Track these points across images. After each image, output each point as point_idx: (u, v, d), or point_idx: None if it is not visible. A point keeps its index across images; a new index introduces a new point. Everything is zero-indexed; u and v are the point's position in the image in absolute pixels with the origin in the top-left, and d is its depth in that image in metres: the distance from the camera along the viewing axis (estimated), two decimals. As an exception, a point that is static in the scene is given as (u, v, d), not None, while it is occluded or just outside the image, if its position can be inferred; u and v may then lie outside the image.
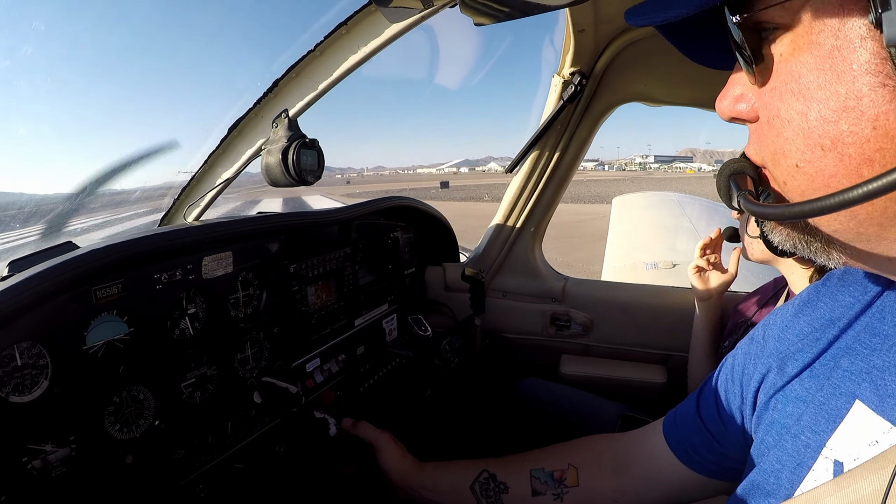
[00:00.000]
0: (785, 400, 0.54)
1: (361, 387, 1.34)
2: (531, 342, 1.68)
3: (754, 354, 0.62)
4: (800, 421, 0.51)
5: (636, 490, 0.75)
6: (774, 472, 0.52)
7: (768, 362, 0.59)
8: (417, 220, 1.61)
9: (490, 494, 0.84)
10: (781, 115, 0.37)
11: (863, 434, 0.45)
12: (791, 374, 0.55)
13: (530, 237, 1.62)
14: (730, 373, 0.66)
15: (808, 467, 0.48)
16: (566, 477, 0.80)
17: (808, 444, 0.49)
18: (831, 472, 0.46)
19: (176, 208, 1.31)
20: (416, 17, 0.91)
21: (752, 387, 0.60)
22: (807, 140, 0.36)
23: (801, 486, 0.48)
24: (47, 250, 0.81)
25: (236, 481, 0.96)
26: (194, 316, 0.92)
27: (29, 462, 0.67)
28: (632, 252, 4.08)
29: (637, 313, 1.55)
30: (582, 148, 1.49)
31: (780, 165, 0.39)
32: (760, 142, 0.41)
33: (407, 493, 0.93)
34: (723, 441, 0.65)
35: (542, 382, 1.54)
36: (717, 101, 0.45)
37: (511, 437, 1.46)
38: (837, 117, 0.34)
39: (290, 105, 1.06)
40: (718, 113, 0.46)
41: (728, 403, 0.65)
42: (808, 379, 0.53)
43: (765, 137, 0.40)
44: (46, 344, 0.69)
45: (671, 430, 0.72)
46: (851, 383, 0.47)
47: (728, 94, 0.44)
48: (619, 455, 0.79)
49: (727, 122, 0.46)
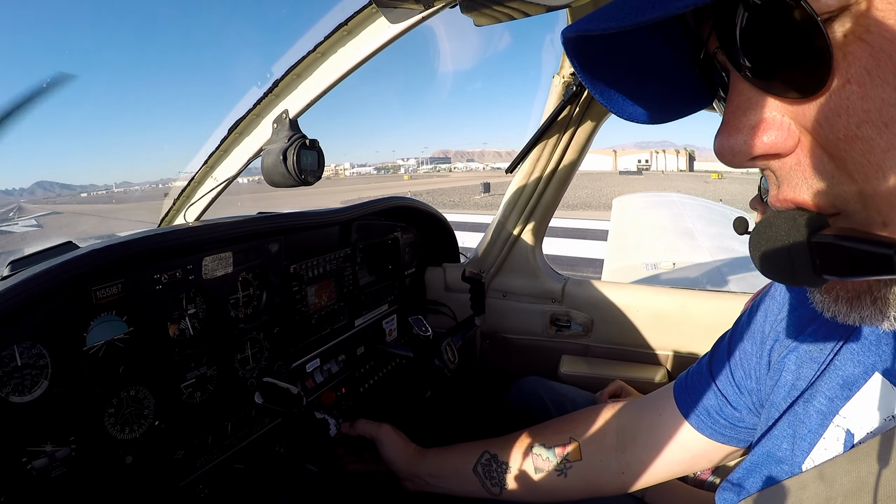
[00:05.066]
0: (798, 360, 0.51)
1: (361, 387, 1.34)
2: (531, 342, 1.68)
3: (772, 312, 0.59)
4: (813, 384, 0.49)
5: (643, 461, 0.72)
6: (787, 438, 0.50)
7: (784, 318, 0.56)
8: (418, 221, 1.61)
9: (493, 475, 0.83)
10: (873, 118, 0.26)
11: (880, 407, 0.42)
12: (805, 331, 0.52)
13: (530, 238, 1.62)
14: (745, 332, 0.63)
15: (819, 435, 0.46)
16: (568, 451, 0.78)
17: (821, 409, 0.47)
18: (842, 441, 0.44)
19: (176, 208, 1.31)
20: (416, 17, 0.91)
21: (768, 345, 0.57)
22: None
23: (811, 454, 0.47)
24: (47, 250, 0.81)
25: (236, 482, 0.96)
26: (194, 316, 0.92)
27: (29, 462, 0.67)
28: (632, 252, 4.08)
29: (637, 313, 1.55)
30: (582, 148, 1.49)
31: (880, 196, 0.27)
32: (829, 174, 0.29)
33: (412, 481, 0.92)
34: (737, 405, 0.62)
35: (542, 382, 1.53)
36: (723, 140, 0.32)
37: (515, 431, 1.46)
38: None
39: (290, 105, 1.06)
40: (728, 157, 0.32)
41: (742, 364, 0.62)
42: (825, 339, 0.49)
43: (844, 162, 0.28)
44: (46, 344, 0.69)
45: (682, 395, 0.69)
46: (873, 354, 0.44)
47: (740, 124, 0.31)
48: (624, 425, 0.77)
49: (742, 167, 0.32)
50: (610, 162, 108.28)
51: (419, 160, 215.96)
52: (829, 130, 0.28)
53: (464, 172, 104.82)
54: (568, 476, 0.78)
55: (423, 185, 43.74)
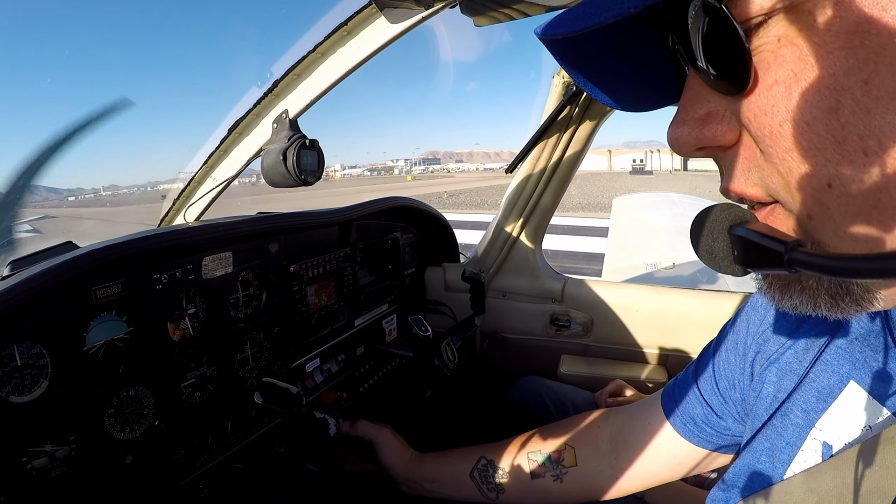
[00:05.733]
0: (779, 372, 0.52)
1: (361, 387, 1.34)
2: (531, 342, 1.68)
3: (754, 323, 0.59)
4: (790, 397, 0.49)
5: (634, 466, 0.73)
6: (766, 451, 0.50)
7: (766, 330, 0.56)
8: (418, 221, 1.61)
9: (490, 480, 0.84)
10: (795, 117, 0.28)
11: (855, 417, 0.42)
12: (785, 343, 0.52)
13: (530, 237, 1.62)
14: (728, 343, 0.63)
15: (798, 447, 0.46)
16: (564, 457, 0.79)
17: (797, 422, 0.47)
18: (820, 454, 0.44)
19: (176, 208, 1.31)
20: (416, 17, 0.91)
21: (750, 357, 0.58)
22: (841, 146, 0.26)
23: (790, 466, 0.47)
24: (47, 250, 0.81)
25: (236, 481, 0.96)
26: (194, 316, 0.92)
27: (29, 462, 0.67)
28: (632, 252, 4.08)
29: (637, 313, 1.55)
30: (583, 148, 1.49)
31: (803, 190, 0.29)
32: (760, 167, 0.31)
33: (409, 486, 0.93)
34: (722, 414, 0.63)
35: (542, 381, 1.54)
36: (672, 130, 0.34)
37: (511, 437, 1.46)
38: (885, 106, 0.25)
39: (290, 105, 1.06)
40: (676, 147, 0.34)
41: (726, 375, 0.62)
42: (803, 351, 0.50)
43: (770, 157, 0.30)
44: (46, 344, 0.69)
45: (669, 403, 0.70)
46: (846, 363, 0.44)
47: (687, 117, 0.33)
48: (617, 431, 0.78)
49: (690, 156, 0.35)
50: (604, 162, 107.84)
51: (410, 161, 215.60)
52: (758, 126, 0.30)
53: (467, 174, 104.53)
54: (563, 481, 0.79)
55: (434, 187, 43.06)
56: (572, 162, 1.51)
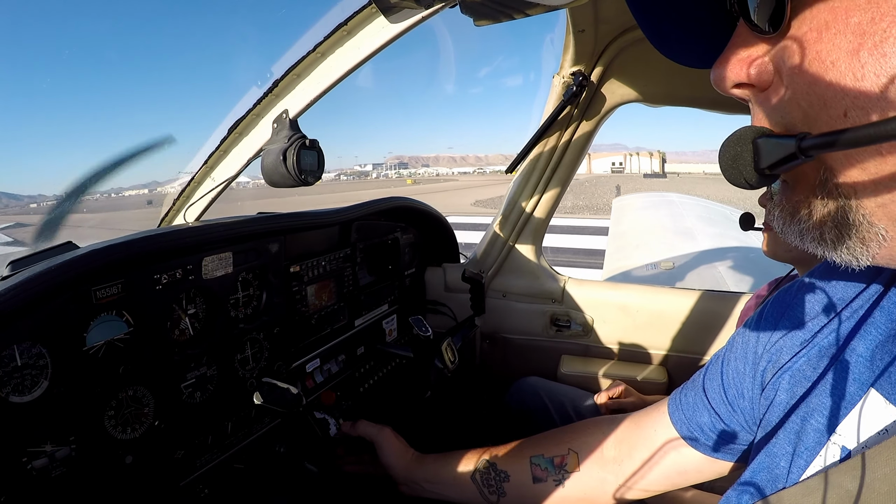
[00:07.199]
0: (792, 379, 0.52)
1: (361, 387, 1.34)
2: (531, 343, 1.68)
3: (765, 333, 0.59)
4: (807, 402, 0.49)
5: (639, 472, 0.73)
6: (783, 456, 0.50)
7: (778, 340, 0.56)
8: (418, 221, 1.61)
9: (491, 483, 0.84)
10: (822, 57, 0.32)
11: (874, 422, 0.43)
12: (798, 352, 0.53)
13: (530, 238, 1.62)
14: (737, 351, 0.63)
15: (816, 453, 0.47)
16: (566, 462, 0.79)
17: (818, 427, 0.47)
18: (838, 458, 0.45)
19: (176, 208, 1.31)
20: (416, 17, 0.91)
21: (761, 367, 0.58)
22: (859, 83, 0.30)
23: (807, 470, 0.47)
24: (47, 250, 0.81)
25: (236, 481, 0.96)
26: (194, 316, 0.92)
27: (29, 462, 0.67)
28: (632, 252, 4.08)
29: (637, 313, 1.55)
30: (583, 148, 1.49)
31: (820, 119, 0.33)
32: (785, 103, 0.35)
33: (410, 487, 0.92)
34: (730, 422, 0.63)
35: (542, 382, 1.54)
36: (716, 69, 0.39)
37: (511, 437, 1.46)
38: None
39: (290, 105, 1.06)
40: (717, 82, 0.39)
41: (735, 384, 0.62)
42: (817, 358, 0.50)
43: (795, 93, 0.34)
44: (46, 344, 0.69)
45: (676, 411, 0.70)
46: (867, 370, 0.45)
47: (732, 56, 0.38)
48: (621, 438, 0.77)
49: (727, 92, 0.39)
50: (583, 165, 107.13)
51: (383, 165, 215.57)
52: (790, 65, 0.34)
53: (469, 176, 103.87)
54: (566, 487, 0.78)
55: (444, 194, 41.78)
56: (572, 162, 1.51)
